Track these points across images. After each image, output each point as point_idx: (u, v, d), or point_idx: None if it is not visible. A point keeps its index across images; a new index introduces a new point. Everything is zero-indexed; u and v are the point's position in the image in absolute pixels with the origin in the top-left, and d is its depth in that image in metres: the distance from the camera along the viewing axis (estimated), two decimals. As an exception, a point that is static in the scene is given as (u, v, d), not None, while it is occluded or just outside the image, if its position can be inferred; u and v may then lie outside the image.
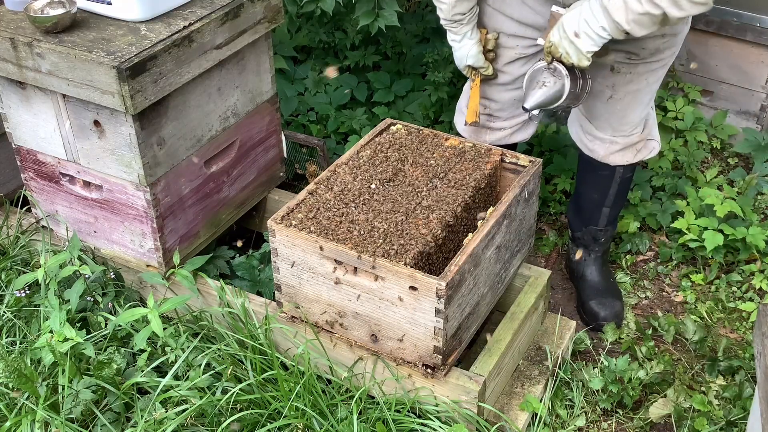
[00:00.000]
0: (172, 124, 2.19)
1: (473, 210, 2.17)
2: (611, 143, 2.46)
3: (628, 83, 2.32)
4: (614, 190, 2.58)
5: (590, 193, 2.63)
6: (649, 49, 2.24)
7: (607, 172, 2.54)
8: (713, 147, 3.26)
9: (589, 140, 2.50)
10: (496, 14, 2.37)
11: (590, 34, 2.06)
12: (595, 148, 2.49)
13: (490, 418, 2.08)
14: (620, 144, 2.46)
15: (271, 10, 2.36)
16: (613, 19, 1.98)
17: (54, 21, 2.09)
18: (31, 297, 2.39)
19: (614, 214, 2.66)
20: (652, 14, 1.94)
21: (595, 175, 2.57)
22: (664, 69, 2.35)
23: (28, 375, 2.05)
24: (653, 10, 1.93)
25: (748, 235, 2.74)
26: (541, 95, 2.19)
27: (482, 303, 2.11)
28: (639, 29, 1.99)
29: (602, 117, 2.42)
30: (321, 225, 2.03)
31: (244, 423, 2.05)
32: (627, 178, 2.57)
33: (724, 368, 2.40)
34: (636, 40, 2.18)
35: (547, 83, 2.19)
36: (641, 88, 2.34)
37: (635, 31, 1.99)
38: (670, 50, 2.29)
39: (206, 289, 2.33)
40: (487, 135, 2.58)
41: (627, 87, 2.33)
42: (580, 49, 2.09)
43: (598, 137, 2.47)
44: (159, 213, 2.25)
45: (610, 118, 2.41)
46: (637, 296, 2.76)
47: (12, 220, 2.63)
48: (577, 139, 2.55)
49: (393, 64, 3.54)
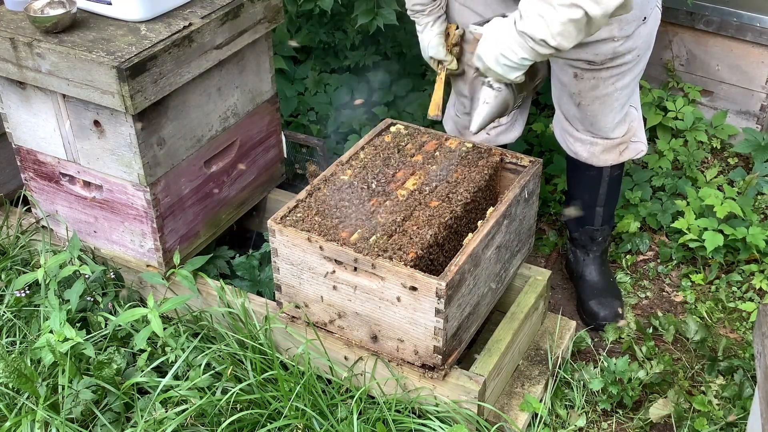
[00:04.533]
0: (172, 124, 2.19)
1: (473, 210, 2.17)
2: (592, 144, 2.45)
3: (594, 89, 2.30)
4: (604, 189, 2.57)
5: (581, 194, 2.62)
6: (603, 54, 2.21)
7: (594, 173, 2.53)
8: (713, 147, 3.26)
9: (570, 142, 2.49)
10: (463, 9, 2.38)
11: (511, 65, 1.96)
12: (578, 150, 2.48)
13: (490, 418, 2.08)
14: (601, 145, 2.44)
15: (271, 10, 2.36)
16: (537, 40, 1.87)
17: (54, 21, 2.09)
18: (31, 297, 2.39)
19: (609, 212, 2.65)
20: (573, 19, 1.82)
21: (583, 176, 2.57)
22: (634, 73, 2.32)
23: (28, 375, 2.05)
24: (573, 14, 1.81)
25: (748, 235, 2.74)
26: (485, 114, 2.10)
27: (482, 303, 2.11)
28: (566, 41, 1.86)
29: (577, 119, 2.42)
30: (321, 225, 2.03)
31: (244, 423, 2.05)
32: (616, 176, 2.56)
33: (724, 368, 2.40)
34: (586, 46, 2.15)
35: (488, 100, 2.09)
36: (609, 93, 2.31)
37: (563, 44, 1.87)
38: (633, 53, 2.25)
39: (206, 289, 2.33)
40: (470, 135, 2.57)
41: (593, 92, 2.31)
42: (505, 77, 2.00)
43: (579, 138, 2.46)
44: (159, 213, 2.25)
45: (584, 121, 2.41)
46: (637, 296, 2.76)
47: (12, 220, 2.63)
48: (561, 141, 2.54)
49: (393, 64, 3.54)
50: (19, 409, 2.10)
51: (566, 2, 1.81)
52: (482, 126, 2.12)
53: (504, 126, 2.58)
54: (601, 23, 1.87)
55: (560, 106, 2.45)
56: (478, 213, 2.19)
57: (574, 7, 1.81)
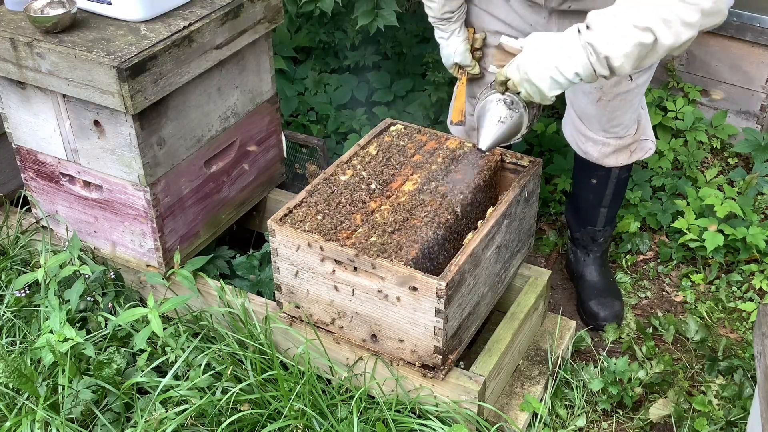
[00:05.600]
0: (172, 124, 2.19)
1: (473, 210, 2.17)
2: (604, 145, 2.44)
3: (617, 84, 2.29)
4: (611, 190, 2.57)
5: (587, 194, 2.62)
6: None
7: (602, 173, 2.53)
8: (713, 147, 3.26)
9: (582, 142, 2.48)
10: (483, 14, 2.38)
11: (559, 79, 1.81)
12: (589, 150, 2.48)
13: (490, 418, 2.08)
14: (613, 146, 2.44)
15: (271, 10, 2.36)
16: (601, 56, 1.75)
17: (54, 21, 2.09)
18: (31, 297, 2.39)
19: (612, 214, 2.65)
20: (643, 43, 1.73)
21: (590, 177, 2.56)
22: (652, 69, 2.33)
23: (28, 375, 2.05)
24: (644, 38, 1.72)
25: (748, 235, 2.74)
26: (497, 133, 1.95)
27: (482, 303, 2.11)
28: (628, 64, 1.76)
29: (593, 118, 2.40)
30: (321, 225, 2.03)
31: (244, 423, 2.05)
32: (623, 179, 2.56)
33: (724, 368, 2.40)
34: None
35: (503, 119, 1.94)
36: (630, 89, 2.31)
37: (624, 66, 1.76)
38: None
39: (206, 289, 2.33)
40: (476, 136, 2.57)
41: (616, 89, 2.30)
42: (544, 93, 1.85)
43: (591, 138, 2.45)
44: (159, 213, 2.25)
45: (601, 119, 2.39)
46: (637, 296, 2.76)
47: (12, 220, 2.63)
48: (572, 141, 2.53)
49: (393, 64, 3.54)
50: (19, 409, 2.10)
51: (641, 24, 1.72)
52: (494, 146, 1.99)
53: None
54: (662, 54, 1.77)
55: (574, 104, 2.44)
56: (478, 213, 2.19)
57: (647, 31, 1.72)
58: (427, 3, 2.32)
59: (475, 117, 2.01)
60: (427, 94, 3.31)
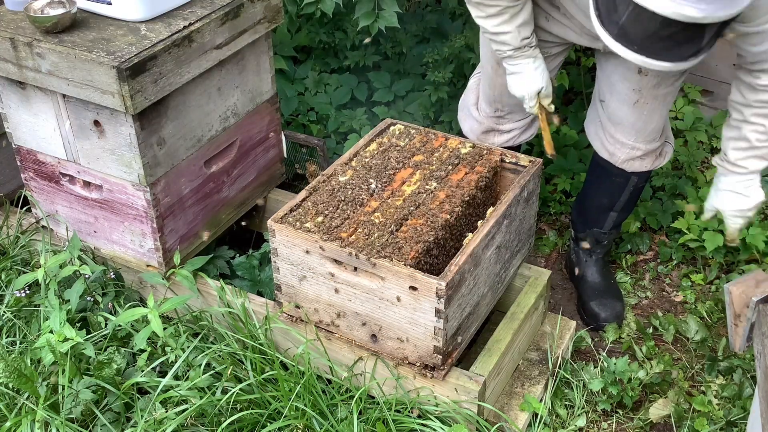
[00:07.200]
0: (172, 124, 2.19)
1: (473, 210, 2.17)
2: (632, 149, 2.40)
3: (656, 86, 2.25)
4: (626, 197, 2.54)
5: (600, 198, 2.59)
6: None
7: (621, 179, 2.49)
8: (713, 147, 3.26)
9: (610, 143, 2.44)
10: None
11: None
12: (616, 152, 2.43)
13: (490, 418, 2.08)
14: (642, 150, 2.40)
15: (271, 10, 2.36)
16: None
17: (54, 21, 2.09)
18: (31, 297, 2.39)
19: (621, 219, 2.64)
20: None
21: (607, 180, 2.52)
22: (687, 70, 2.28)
23: (28, 375, 2.05)
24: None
25: (748, 235, 2.73)
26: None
27: (482, 303, 2.11)
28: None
29: (627, 122, 2.36)
30: (321, 225, 2.03)
31: (244, 423, 2.05)
32: (640, 187, 2.54)
33: (724, 368, 2.40)
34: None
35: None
36: (669, 92, 2.28)
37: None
38: None
39: (206, 289, 2.33)
40: (495, 137, 2.56)
41: (654, 91, 2.26)
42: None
43: (620, 141, 2.41)
44: (159, 213, 2.25)
45: (636, 123, 2.35)
46: (637, 296, 2.76)
47: (12, 220, 2.63)
48: (596, 141, 2.49)
49: (393, 64, 3.54)
50: (19, 409, 2.10)
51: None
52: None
53: (519, 129, 2.57)
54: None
55: (608, 107, 2.38)
56: (478, 213, 2.19)
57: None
58: (497, 39, 2.18)
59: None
60: (427, 94, 3.31)
